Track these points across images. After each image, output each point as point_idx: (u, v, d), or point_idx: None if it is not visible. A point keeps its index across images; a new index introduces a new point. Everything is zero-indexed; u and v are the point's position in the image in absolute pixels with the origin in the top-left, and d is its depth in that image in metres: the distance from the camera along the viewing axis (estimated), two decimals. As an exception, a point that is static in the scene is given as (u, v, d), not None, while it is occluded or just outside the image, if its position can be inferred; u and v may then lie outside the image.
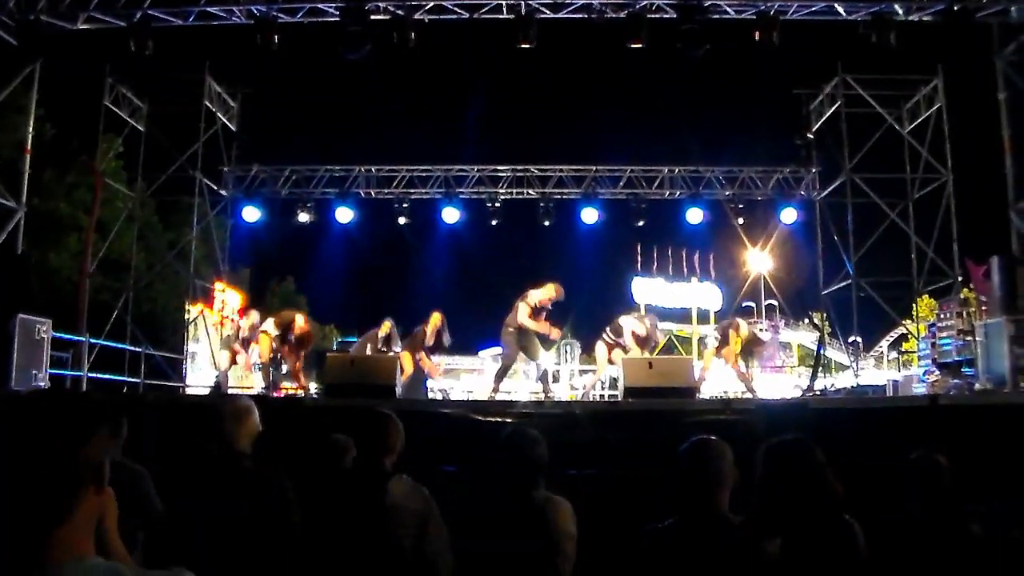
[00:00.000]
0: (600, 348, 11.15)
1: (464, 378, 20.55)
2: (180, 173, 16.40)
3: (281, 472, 3.19)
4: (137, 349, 14.45)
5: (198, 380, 16.49)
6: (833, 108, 16.88)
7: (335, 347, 20.21)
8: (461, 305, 12.07)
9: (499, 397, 10.93)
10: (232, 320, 12.71)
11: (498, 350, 18.84)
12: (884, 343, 37.62)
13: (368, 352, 11.18)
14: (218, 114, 17.16)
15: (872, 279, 16.45)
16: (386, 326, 11.69)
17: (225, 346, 11.45)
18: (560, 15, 12.50)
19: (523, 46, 11.89)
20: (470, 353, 25.90)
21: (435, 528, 3.20)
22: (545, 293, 10.57)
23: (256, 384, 12.72)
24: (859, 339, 17.60)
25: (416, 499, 3.21)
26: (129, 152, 18.18)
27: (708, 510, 2.90)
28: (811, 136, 17.76)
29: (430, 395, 12.00)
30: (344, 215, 17.36)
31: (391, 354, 10.76)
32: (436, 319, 11.58)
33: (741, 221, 18.07)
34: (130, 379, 13.78)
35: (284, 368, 12.00)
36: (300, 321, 11.30)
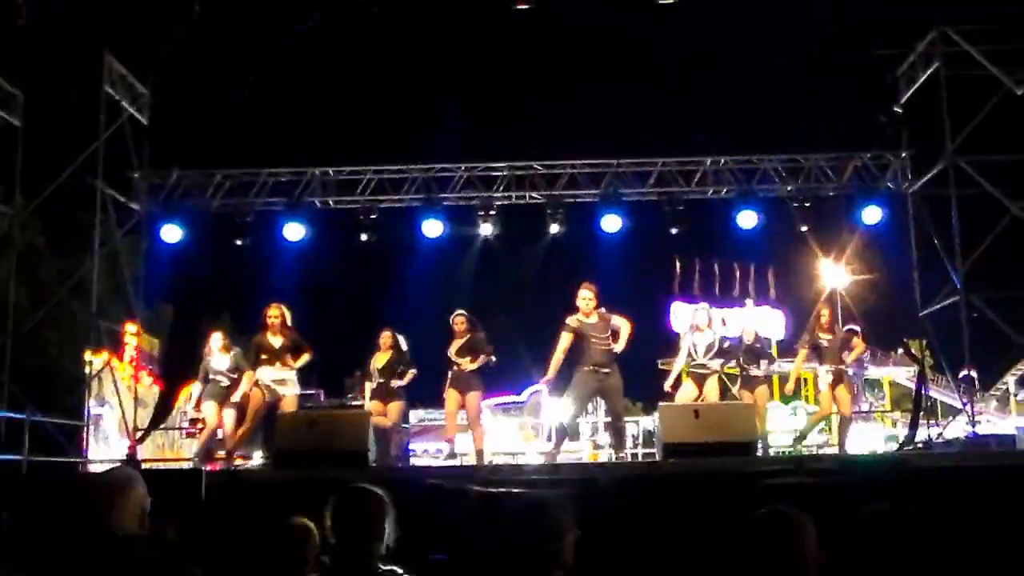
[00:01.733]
0: None
1: (457, 437, 20.46)
2: (74, 181, 16.40)
3: (186, 562, 3.21)
4: (19, 415, 14.40)
5: (103, 453, 16.47)
6: (929, 72, 16.89)
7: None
8: (449, 342, 12.19)
9: (501, 461, 11.01)
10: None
11: (502, 399, 19.02)
12: (1009, 378, 37.52)
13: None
14: (123, 103, 17.13)
15: (988, 294, 16.40)
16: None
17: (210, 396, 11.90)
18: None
19: (520, 7, 11.99)
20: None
21: None
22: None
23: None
24: (974, 373, 17.54)
25: None
26: (0, 155, 18.10)
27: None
28: (899, 110, 17.82)
29: (412, 460, 12.07)
30: (294, 232, 17.38)
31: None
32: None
33: (808, 224, 18.09)
34: (8, 456, 13.73)
35: (230, 431, 12.09)
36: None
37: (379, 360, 12.13)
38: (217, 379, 12.24)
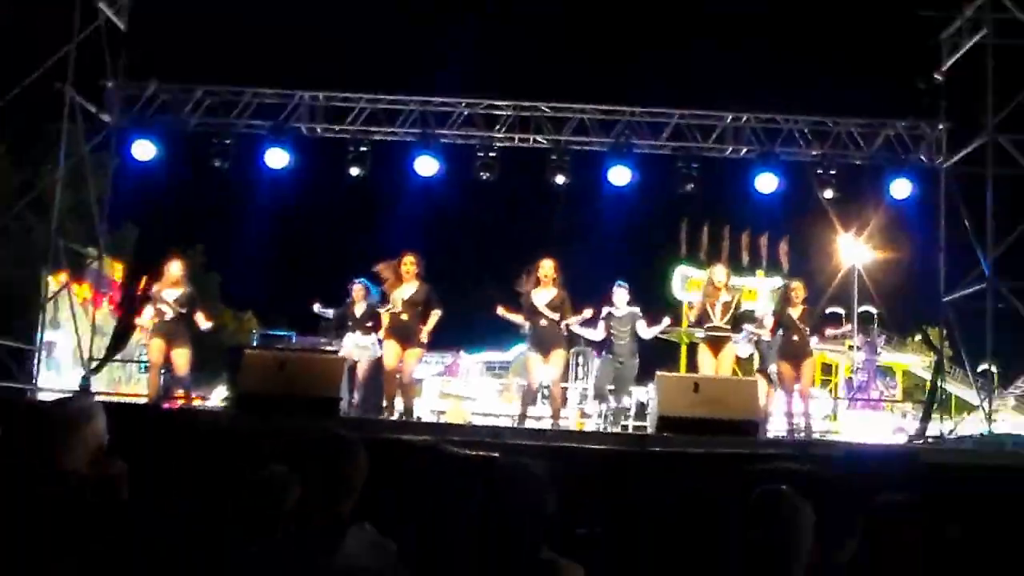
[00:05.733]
0: None
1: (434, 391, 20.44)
2: (41, 87, 16.24)
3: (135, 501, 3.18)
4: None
5: (53, 381, 16.45)
6: (975, 39, 16.75)
7: (254, 342, 20.26)
8: (439, 290, 11.70)
9: (483, 423, 11.03)
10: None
11: (488, 356, 19.07)
12: (1032, 376, 37.61)
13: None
14: (100, 5, 16.94)
15: (1018, 284, 16.37)
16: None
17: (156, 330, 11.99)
18: None
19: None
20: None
21: None
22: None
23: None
24: (994, 369, 17.55)
25: (380, 557, 3.20)
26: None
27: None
28: (939, 78, 17.68)
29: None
30: (277, 158, 17.28)
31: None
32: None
33: (831, 194, 18.01)
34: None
35: (182, 371, 12.02)
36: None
37: (404, 291, 10.99)
38: (163, 309, 11.90)
